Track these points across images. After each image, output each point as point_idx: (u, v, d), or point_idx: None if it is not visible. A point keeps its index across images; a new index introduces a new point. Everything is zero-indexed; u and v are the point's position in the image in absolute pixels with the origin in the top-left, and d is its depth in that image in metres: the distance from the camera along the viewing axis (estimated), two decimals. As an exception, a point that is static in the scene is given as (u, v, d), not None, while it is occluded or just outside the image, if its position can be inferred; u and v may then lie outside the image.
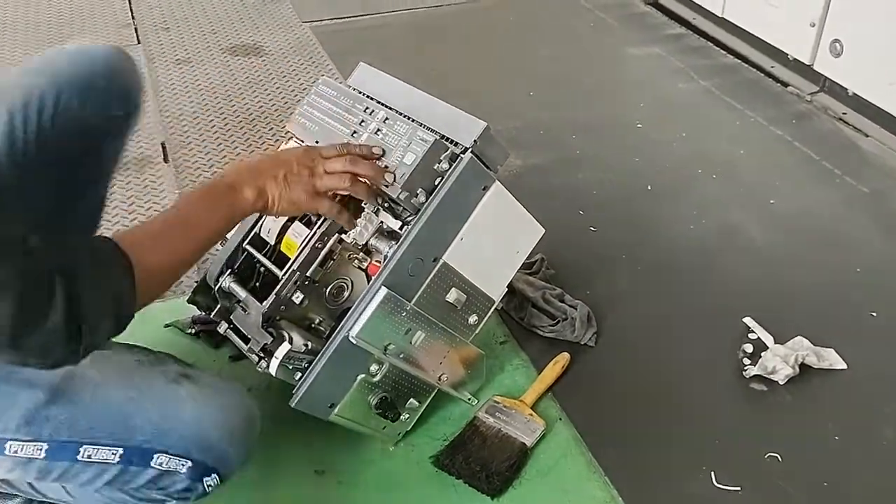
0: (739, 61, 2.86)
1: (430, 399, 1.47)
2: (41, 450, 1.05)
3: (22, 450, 1.05)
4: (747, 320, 1.71)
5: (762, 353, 1.61)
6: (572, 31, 3.15)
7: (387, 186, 1.26)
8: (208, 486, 1.13)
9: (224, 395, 1.18)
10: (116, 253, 0.95)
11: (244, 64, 2.92)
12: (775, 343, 1.63)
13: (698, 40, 3.02)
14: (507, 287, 1.48)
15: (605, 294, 1.79)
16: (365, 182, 1.26)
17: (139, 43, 3.09)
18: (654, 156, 2.32)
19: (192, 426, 1.11)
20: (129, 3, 3.41)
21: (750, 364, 1.61)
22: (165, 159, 2.34)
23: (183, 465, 1.10)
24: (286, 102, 2.66)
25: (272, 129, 2.50)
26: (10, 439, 1.05)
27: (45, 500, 1.18)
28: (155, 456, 1.09)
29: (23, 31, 3.21)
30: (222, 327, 1.37)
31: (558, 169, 2.26)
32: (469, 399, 1.53)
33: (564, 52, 2.98)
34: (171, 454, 1.09)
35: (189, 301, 1.45)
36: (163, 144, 2.41)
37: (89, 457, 1.07)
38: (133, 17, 3.30)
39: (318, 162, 1.23)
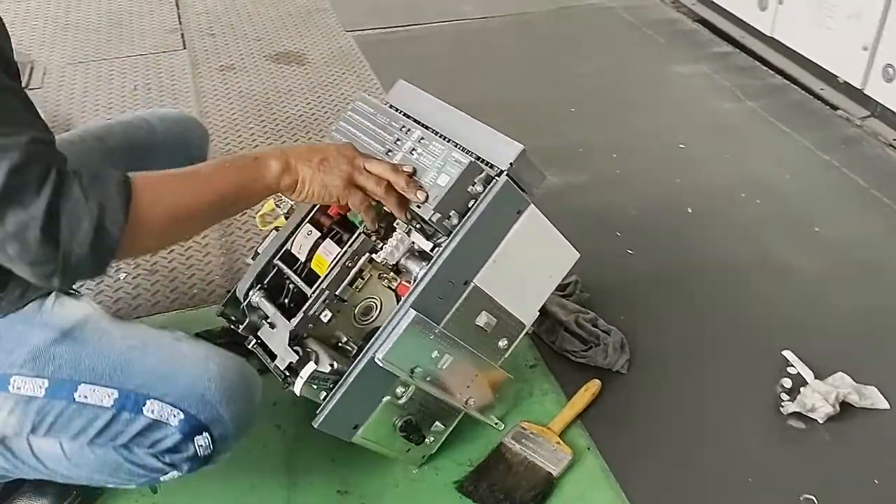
0: (788, 82, 2.79)
1: (456, 422, 1.45)
2: (42, 387, 1.09)
3: (25, 385, 1.08)
4: (787, 353, 1.65)
5: (801, 389, 1.56)
6: (617, 46, 3.11)
7: (419, 206, 1.24)
8: (200, 446, 1.12)
9: (228, 359, 1.17)
10: (119, 175, 1.00)
11: (286, 72, 2.94)
12: (815, 379, 1.58)
13: (746, 59, 2.96)
14: (541, 309, 1.46)
15: (640, 319, 1.75)
16: (397, 193, 1.25)
17: (185, 48, 3.12)
18: (696, 177, 2.27)
19: (189, 378, 1.11)
20: (178, 8, 3.45)
21: (788, 400, 1.55)
22: (204, 166, 2.36)
23: (175, 416, 1.10)
24: (326, 112, 2.66)
25: (311, 138, 2.51)
26: (16, 374, 1.09)
27: (41, 471, 1.18)
28: (148, 402, 1.09)
29: (73, 31, 3.28)
30: (250, 342, 1.36)
31: (597, 188, 2.22)
32: (496, 424, 1.50)
33: (609, 68, 2.94)
34: (164, 402, 1.10)
35: (218, 314, 1.45)
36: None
37: (85, 397, 1.09)
38: (180, 22, 3.34)
39: (358, 158, 1.24)
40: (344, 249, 1.28)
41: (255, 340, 1.35)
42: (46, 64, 2.99)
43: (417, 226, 1.29)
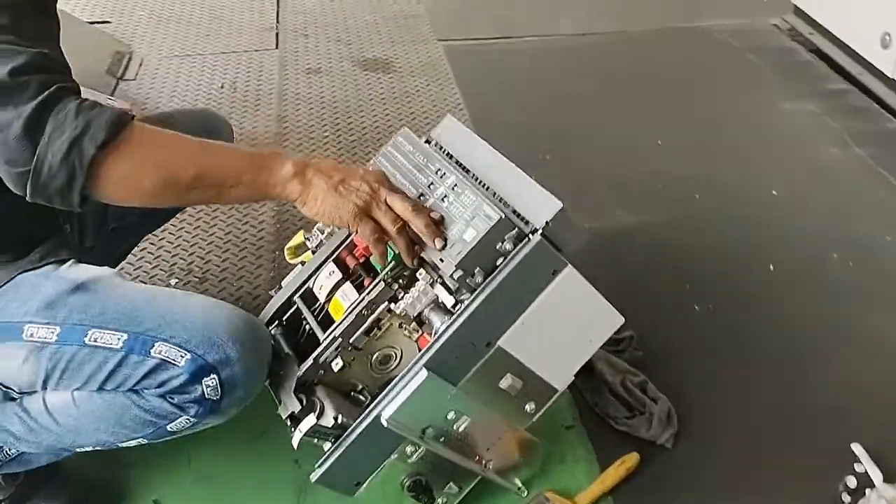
0: (906, 130, 2.52)
1: (472, 485, 1.36)
2: (54, 332, 1.11)
3: (37, 332, 1.12)
4: (855, 447, 1.46)
5: (867, 491, 1.38)
6: (719, 74, 2.90)
7: (441, 260, 1.15)
8: (207, 387, 1.12)
9: (236, 308, 1.19)
10: (125, 112, 1.01)
11: (371, 79, 2.90)
12: (884, 482, 1.39)
13: (862, 99, 2.69)
14: (587, 364, 1.34)
15: (695, 388, 1.61)
16: (410, 239, 1.17)
17: (277, 48, 3.14)
18: (784, 230, 2.07)
19: (197, 321, 1.13)
20: (277, 7, 3.47)
21: (850, 503, 1.38)
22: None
23: (182, 355, 1.10)
24: (402, 124, 2.60)
25: (382, 152, 2.45)
26: (28, 322, 1.12)
27: (53, 430, 1.19)
28: (156, 344, 1.11)
29: (175, 24, 3.35)
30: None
31: (672, 231, 2.07)
32: (518, 489, 1.40)
33: (708, 98, 2.74)
34: (172, 343, 1.11)
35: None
36: (274, 156, 2.41)
37: (95, 340, 1.11)
38: (278, 21, 3.36)
39: (382, 189, 1.17)
40: (361, 297, 1.21)
41: (267, 378, 1.30)
42: (144, 56, 3.06)
43: (441, 279, 1.20)
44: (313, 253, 1.35)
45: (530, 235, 1.16)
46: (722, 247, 2.02)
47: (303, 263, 1.35)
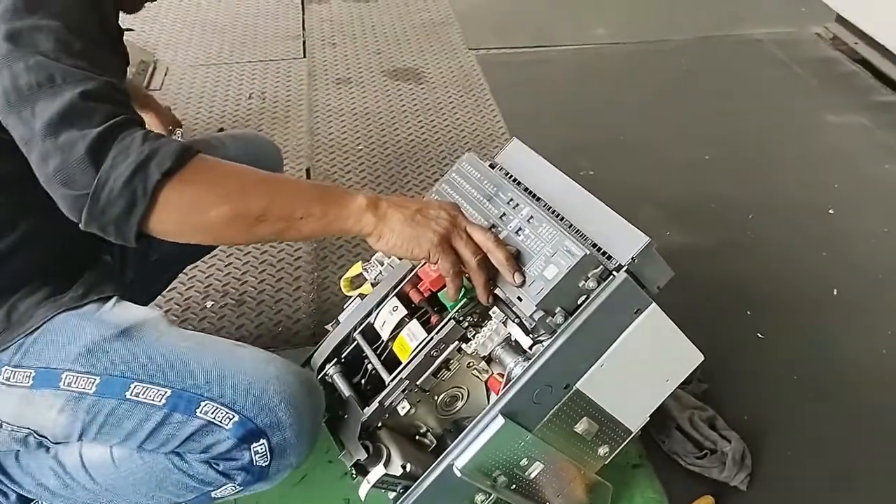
0: (963, 144, 2.43)
1: (541, 531, 1.28)
2: (93, 384, 1.04)
3: (76, 382, 1.04)
4: (946, 491, 1.39)
5: (962, 541, 1.29)
6: (764, 86, 2.81)
7: (520, 299, 1.07)
8: (256, 454, 1.04)
9: (289, 365, 1.10)
10: (190, 145, 0.96)
11: (403, 90, 2.82)
12: (982, 531, 1.31)
13: (914, 112, 2.61)
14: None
15: (766, 422, 1.52)
16: (488, 272, 1.09)
17: (305, 57, 3.06)
18: (845, 251, 1.98)
19: (247, 379, 1.04)
20: (303, 15, 3.40)
21: (944, 553, 1.29)
22: (307, 188, 2.26)
23: (230, 418, 1.02)
24: (438, 137, 2.52)
25: (419, 166, 2.37)
26: (67, 370, 1.04)
27: (89, 488, 1.12)
28: (202, 403, 1.03)
29: (199, 31, 3.27)
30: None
31: (727, 254, 1.98)
32: (587, 534, 1.32)
33: (752, 111, 2.65)
34: (219, 403, 1.03)
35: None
36: (307, 171, 2.33)
37: (137, 395, 1.04)
38: (304, 29, 3.28)
39: (461, 218, 1.09)
40: (430, 336, 1.12)
41: (325, 419, 1.22)
42: (170, 64, 2.99)
43: (516, 318, 1.11)
44: (373, 285, 1.27)
45: (615, 272, 1.08)
46: (780, 270, 1.93)
47: (362, 296, 1.27)
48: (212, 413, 1.03)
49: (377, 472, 1.08)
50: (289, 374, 1.07)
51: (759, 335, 1.74)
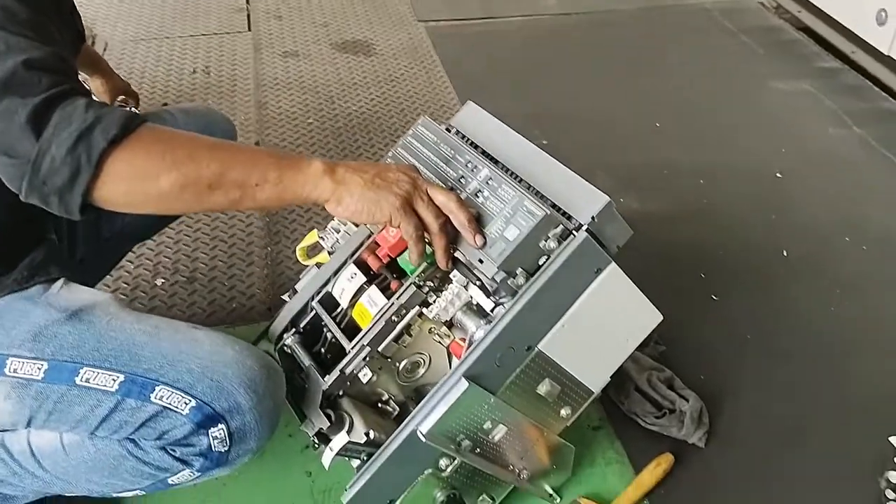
0: (904, 107, 2.49)
1: (505, 494, 1.28)
2: (41, 369, 0.99)
3: (21, 367, 0.99)
4: (895, 440, 1.42)
5: (910, 487, 1.34)
6: (710, 55, 2.84)
7: (480, 261, 1.06)
8: (215, 439, 1.00)
9: (247, 348, 1.05)
10: (126, 112, 0.92)
11: (352, 62, 2.77)
12: (929, 477, 1.35)
13: (856, 78, 2.66)
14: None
15: (722, 382, 1.54)
16: (448, 237, 1.07)
17: (249, 30, 2.99)
18: (793, 215, 2.02)
19: (203, 363, 1.00)
20: (248, -14, 3.31)
21: (893, 500, 1.33)
22: (257, 162, 2.21)
23: (185, 403, 0.98)
24: (389, 109, 2.49)
25: (370, 138, 2.34)
26: (13, 356, 0.99)
27: (39, 476, 1.08)
28: (156, 388, 0.99)
29: (139, 5, 3.17)
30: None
31: (680, 219, 2.00)
32: (551, 496, 1.32)
33: (700, 79, 2.68)
34: (175, 388, 0.99)
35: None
36: (257, 144, 2.28)
37: (87, 381, 0.99)
38: (248, 2, 3.20)
39: (421, 180, 1.06)
40: (391, 301, 1.11)
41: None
42: (109, 39, 2.89)
43: (477, 281, 1.10)
44: (329, 253, 1.24)
45: (575, 232, 1.07)
46: (732, 233, 1.96)
47: (318, 265, 1.24)
48: (167, 398, 0.99)
49: (340, 439, 1.06)
50: (248, 357, 1.04)
51: (713, 297, 1.76)
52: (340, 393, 1.13)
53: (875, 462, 1.40)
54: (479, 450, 1.15)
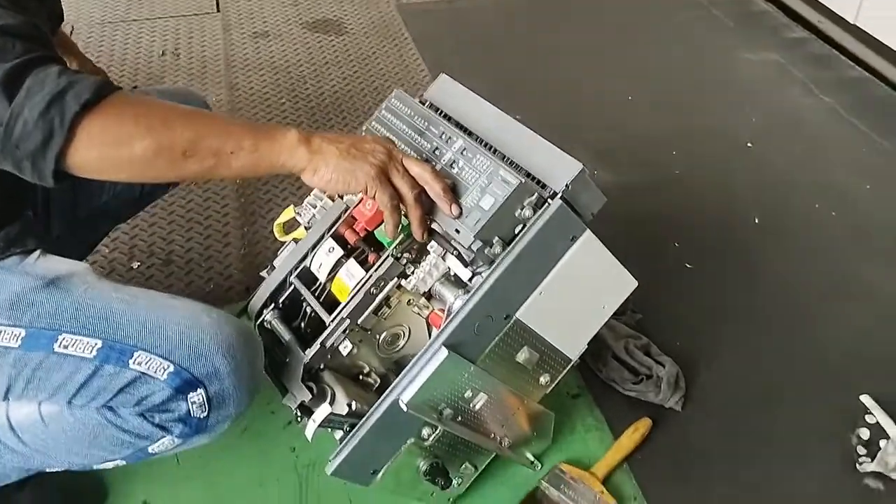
0: (870, 76, 2.52)
1: (487, 462, 1.30)
2: (18, 337, 0.99)
3: None
4: (865, 399, 1.46)
5: (881, 443, 1.37)
6: (681, 27, 2.86)
7: (457, 231, 1.07)
8: (193, 404, 1.00)
9: (224, 315, 1.05)
10: (99, 78, 0.91)
11: (323, 42, 2.75)
12: (898, 432, 1.39)
13: (823, 47, 2.69)
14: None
15: (697, 347, 1.57)
16: (424, 208, 1.07)
17: (218, 11, 2.96)
18: (764, 182, 2.05)
19: (181, 327, 1.00)
20: (215, -34, 3.27)
21: (865, 455, 1.37)
22: (230, 144, 2.20)
23: (164, 368, 0.98)
24: (362, 88, 2.48)
25: (344, 117, 2.34)
26: None
27: (18, 451, 1.08)
28: (135, 354, 0.99)
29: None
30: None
31: (654, 190, 2.02)
32: (532, 463, 1.35)
33: (671, 51, 2.70)
34: (153, 353, 0.99)
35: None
36: (230, 126, 2.27)
37: (66, 347, 0.99)
38: (217, -18, 3.16)
39: (397, 151, 1.06)
40: (369, 274, 1.11)
41: (266, 364, 1.19)
42: (75, 22, 2.84)
43: (454, 251, 1.11)
44: (306, 229, 1.24)
45: (550, 200, 1.08)
46: (704, 203, 1.98)
47: (295, 241, 1.25)
48: (145, 364, 0.99)
49: (323, 411, 1.07)
50: (226, 323, 1.04)
51: (687, 266, 1.79)
52: (321, 366, 1.14)
53: (847, 420, 1.44)
54: (460, 418, 1.17)
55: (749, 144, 2.19)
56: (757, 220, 1.91)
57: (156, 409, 1.01)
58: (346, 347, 1.13)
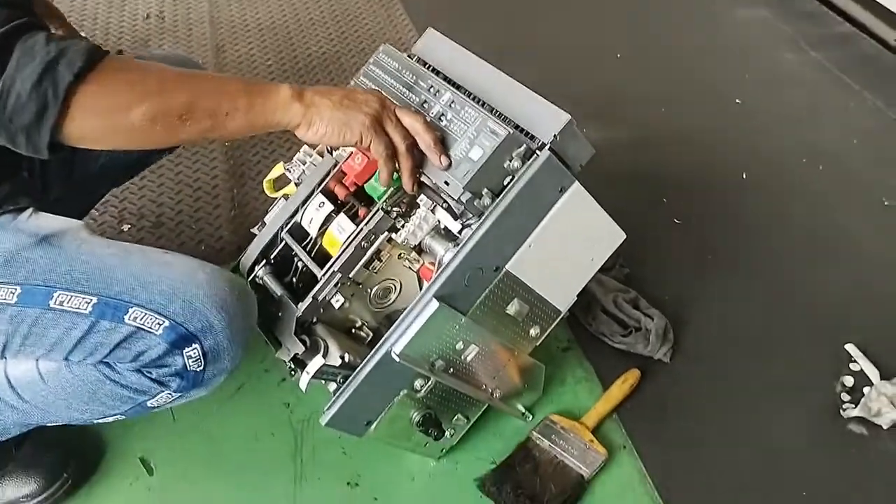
0: (858, 31, 2.52)
1: (479, 414, 1.32)
2: (14, 294, 0.99)
3: None
4: (850, 347, 1.49)
5: (864, 390, 1.40)
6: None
7: (446, 183, 1.07)
8: (189, 358, 1.02)
9: (217, 269, 1.06)
10: (90, 44, 0.90)
11: (308, 2, 2.72)
12: (882, 379, 1.42)
13: (811, 3, 2.68)
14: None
15: (685, 300, 1.59)
16: (415, 159, 1.08)
17: (203, -28, 2.91)
18: (752, 138, 2.06)
19: (176, 284, 1.01)
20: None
21: (849, 402, 1.40)
22: (218, 106, 2.19)
23: (160, 324, 0.99)
24: (349, 48, 2.47)
25: (332, 78, 2.32)
26: None
27: (18, 407, 1.09)
28: (130, 310, 0.99)
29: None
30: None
31: (643, 146, 2.03)
32: (523, 414, 1.37)
33: (659, 8, 2.68)
34: (148, 309, 0.99)
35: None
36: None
37: (61, 303, 0.99)
38: (199, -58, 3.11)
39: (388, 101, 1.07)
40: (359, 227, 1.12)
41: (259, 321, 1.20)
42: (56, -14, 2.80)
43: (444, 203, 1.12)
44: (296, 185, 1.25)
45: (538, 151, 1.09)
46: (693, 159, 1.99)
47: (286, 197, 1.25)
48: (141, 319, 0.99)
49: (316, 362, 1.08)
50: (219, 278, 1.04)
51: (675, 220, 1.80)
52: (314, 320, 1.15)
53: (831, 368, 1.47)
54: (452, 370, 1.18)
55: (738, 101, 2.19)
56: (745, 176, 1.92)
57: (153, 363, 1.03)
58: (337, 301, 1.14)
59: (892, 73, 2.33)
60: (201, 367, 1.04)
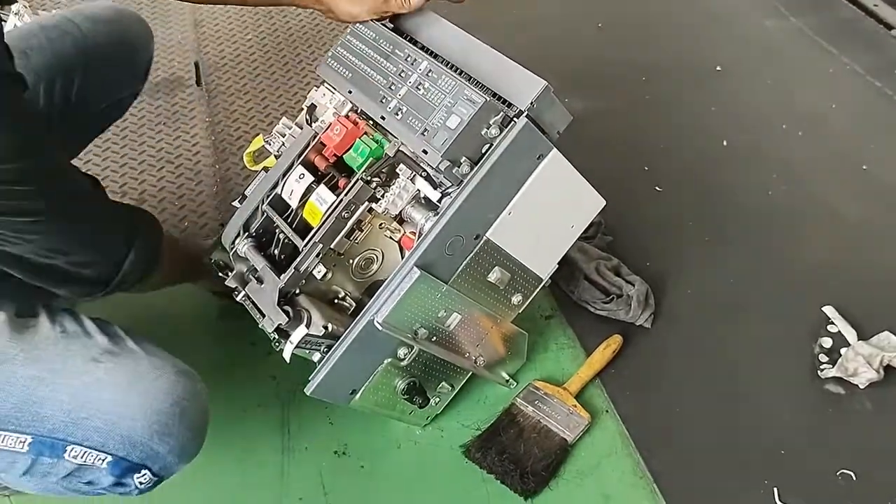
0: (838, -4, 2.53)
1: (463, 382, 1.34)
2: None
3: None
4: (827, 309, 1.51)
5: (842, 350, 1.43)
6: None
7: (424, 152, 1.08)
8: (140, 483, 1.00)
9: (153, 377, 1.01)
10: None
11: (288, -24, 2.70)
12: (858, 339, 1.44)
13: (791, -32, 2.68)
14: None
15: (666, 267, 1.61)
16: None
17: (179, -54, 2.88)
18: (733, 105, 2.07)
19: (109, 416, 0.97)
20: None
21: (827, 363, 1.42)
22: (198, 82, 2.18)
23: (102, 459, 0.98)
24: (328, 21, 2.44)
25: (313, 52, 2.31)
26: None
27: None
28: (68, 448, 0.97)
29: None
30: (238, 294, 1.23)
31: (623, 116, 2.03)
32: (507, 381, 1.39)
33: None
34: (87, 447, 0.97)
35: (206, 260, 1.31)
36: (196, 65, 2.24)
37: None
38: (175, -83, 3.07)
39: None
40: (339, 198, 1.13)
41: (244, 293, 1.21)
42: (31, -37, 2.76)
43: (423, 172, 1.13)
44: (276, 157, 1.25)
45: (515, 119, 1.09)
46: (674, 127, 2.00)
47: (266, 170, 1.25)
48: (81, 457, 0.97)
49: (299, 332, 1.09)
50: (155, 397, 0.99)
51: (657, 188, 1.81)
52: (297, 291, 1.16)
53: (809, 331, 1.49)
54: (435, 338, 1.20)
55: (718, 69, 2.20)
56: (725, 143, 1.93)
57: (106, 488, 1.01)
58: (319, 272, 1.14)
59: (872, 39, 2.33)
60: (157, 480, 1.02)
